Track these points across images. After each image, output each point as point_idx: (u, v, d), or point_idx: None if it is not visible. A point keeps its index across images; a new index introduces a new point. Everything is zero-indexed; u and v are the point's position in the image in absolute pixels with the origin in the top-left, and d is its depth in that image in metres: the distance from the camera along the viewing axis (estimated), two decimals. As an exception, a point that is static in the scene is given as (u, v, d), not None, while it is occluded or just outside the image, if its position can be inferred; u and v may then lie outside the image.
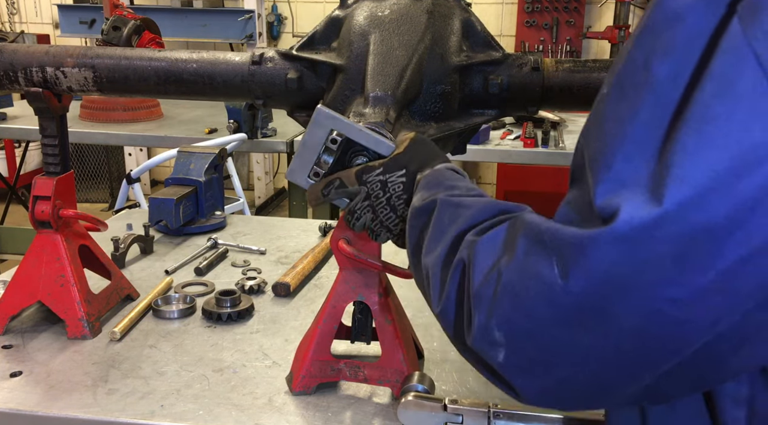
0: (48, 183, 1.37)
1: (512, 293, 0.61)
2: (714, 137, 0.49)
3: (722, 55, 0.50)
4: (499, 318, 0.62)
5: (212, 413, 1.14)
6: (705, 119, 0.50)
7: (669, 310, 0.52)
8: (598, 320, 0.55)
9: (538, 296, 0.58)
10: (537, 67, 1.23)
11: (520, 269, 0.60)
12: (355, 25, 1.17)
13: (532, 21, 5.52)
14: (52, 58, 1.33)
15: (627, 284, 0.53)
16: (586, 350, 0.57)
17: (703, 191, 0.49)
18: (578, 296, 0.55)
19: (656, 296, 0.52)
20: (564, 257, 0.56)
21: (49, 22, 6.58)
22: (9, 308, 1.39)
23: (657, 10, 0.55)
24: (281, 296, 1.62)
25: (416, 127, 1.13)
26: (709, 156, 0.49)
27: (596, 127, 0.59)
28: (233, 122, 3.33)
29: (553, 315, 0.57)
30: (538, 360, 0.61)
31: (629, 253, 0.52)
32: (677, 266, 0.51)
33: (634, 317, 0.54)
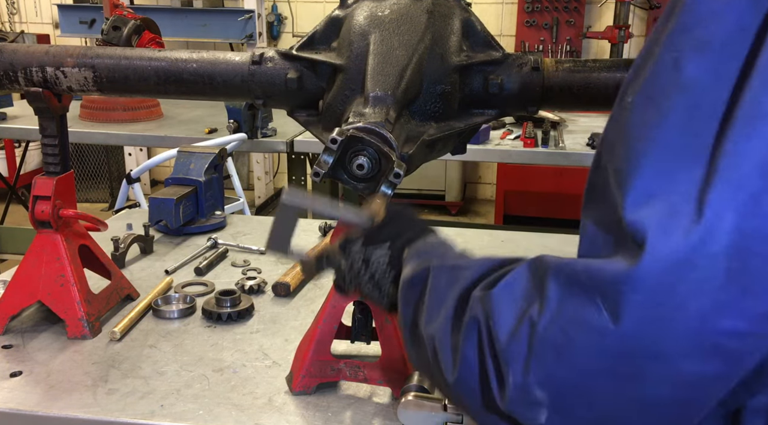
0: (48, 183, 1.37)
1: (553, 344, 0.54)
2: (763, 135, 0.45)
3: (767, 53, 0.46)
4: (540, 375, 0.55)
5: (212, 413, 1.14)
6: (757, 115, 0.46)
7: (727, 343, 0.48)
8: (653, 365, 0.50)
9: (586, 345, 0.52)
10: (537, 67, 1.23)
11: (558, 317, 0.54)
12: (355, 25, 1.17)
13: (532, 21, 5.52)
14: (52, 58, 1.33)
15: (677, 317, 0.48)
16: (644, 404, 0.52)
17: (758, 194, 0.45)
18: (631, 340, 0.50)
19: (712, 329, 0.47)
20: (610, 297, 0.50)
21: (49, 22, 6.58)
22: (9, 308, 1.39)
23: (687, 10, 0.52)
24: (281, 296, 1.62)
25: (416, 127, 1.13)
26: (764, 155, 0.45)
27: (620, 138, 0.54)
28: (233, 121, 3.33)
29: (606, 366, 0.52)
30: (589, 419, 0.55)
31: (681, 278, 0.47)
32: (734, 287, 0.46)
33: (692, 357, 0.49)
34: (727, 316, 0.47)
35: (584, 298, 0.52)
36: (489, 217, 5.97)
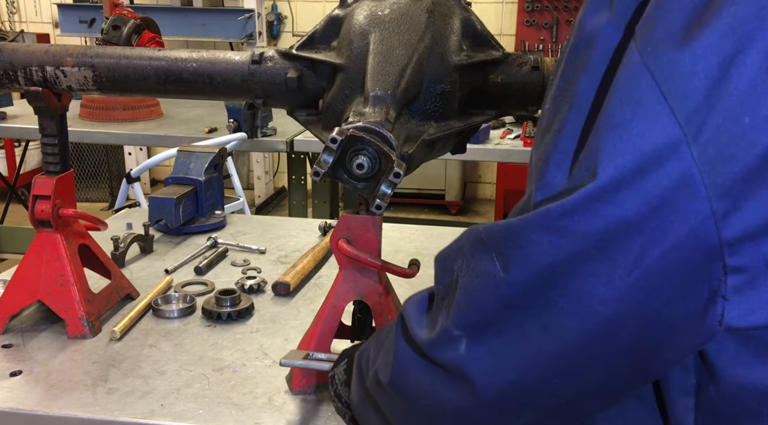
0: (48, 182, 1.37)
1: (465, 294, 0.64)
2: (618, 141, 0.54)
3: (623, 70, 0.56)
4: (456, 318, 0.65)
5: (212, 412, 1.14)
6: (610, 125, 0.55)
7: (602, 309, 0.56)
8: (541, 313, 0.59)
9: (486, 291, 0.62)
10: (537, 66, 1.23)
11: (469, 270, 0.64)
12: (355, 25, 1.17)
13: (532, 20, 5.52)
14: (52, 58, 1.33)
15: (563, 276, 0.56)
16: (535, 348, 0.60)
17: (612, 188, 0.54)
18: (522, 285, 0.59)
19: (590, 292, 0.56)
20: (501, 250, 0.60)
21: (48, 22, 6.58)
22: (9, 307, 1.39)
23: (578, 32, 0.62)
24: (281, 296, 1.62)
25: (416, 126, 1.13)
26: (615, 158, 0.54)
27: (538, 137, 0.65)
28: (233, 121, 3.33)
29: (503, 308, 0.61)
30: (496, 351, 0.62)
31: (557, 242, 0.56)
32: (605, 262, 0.55)
33: (573, 317, 0.57)
34: (601, 285, 0.55)
35: (485, 253, 0.62)
36: (489, 216, 5.97)
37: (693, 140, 0.52)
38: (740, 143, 0.52)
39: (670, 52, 0.54)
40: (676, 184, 0.53)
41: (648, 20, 0.56)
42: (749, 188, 0.52)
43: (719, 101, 0.52)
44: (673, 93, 0.53)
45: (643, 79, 0.54)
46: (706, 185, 0.52)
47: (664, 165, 0.53)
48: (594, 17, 0.61)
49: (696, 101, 0.52)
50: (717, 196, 0.52)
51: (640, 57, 0.55)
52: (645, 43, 0.55)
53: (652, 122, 0.53)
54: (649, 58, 0.54)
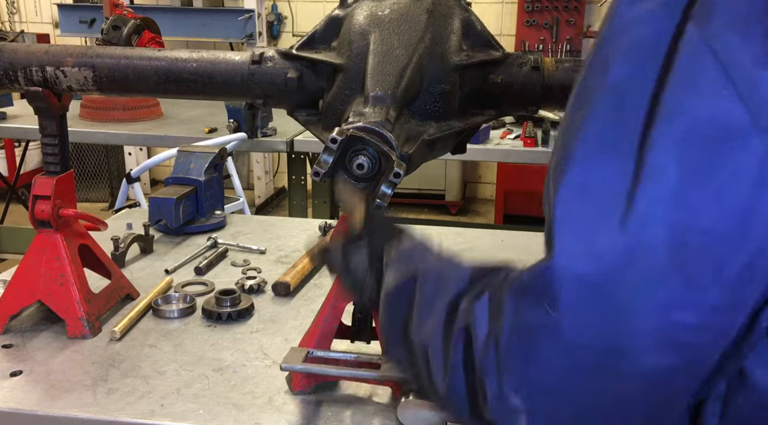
0: (48, 183, 1.37)
1: (518, 352, 0.57)
2: (686, 129, 0.49)
3: (684, 56, 0.51)
4: (512, 382, 0.57)
5: (212, 412, 1.14)
6: (675, 113, 0.50)
7: (682, 337, 0.50)
8: (615, 358, 0.52)
9: (545, 344, 0.54)
10: (537, 66, 1.23)
11: (516, 326, 0.57)
12: (355, 25, 1.17)
13: (533, 20, 5.52)
14: (52, 58, 1.33)
15: (630, 308, 0.50)
16: (613, 397, 0.54)
17: (684, 186, 0.48)
18: (582, 332, 0.52)
19: (667, 320, 0.49)
20: (548, 295, 0.53)
21: (48, 22, 6.58)
22: (9, 307, 1.39)
23: (613, 21, 0.57)
24: (281, 296, 1.62)
25: (416, 126, 1.13)
26: (682, 150, 0.49)
27: (558, 139, 0.59)
28: (233, 121, 3.33)
29: (567, 362, 0.54)
30: (565, 418, 0.57)
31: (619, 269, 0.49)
32: (677, 281, 0.48)
33: (650, 352, 0.51)
34: (677, 309, 0.49)
35: (531, 301, 0.55)
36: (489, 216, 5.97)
37: (765, 130, 0.47)
38: None
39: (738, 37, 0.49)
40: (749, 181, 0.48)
41: (708, 3, 0.51)
42: None
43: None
44: (742, 80, 0.48)
45: (708, 62, 0.50)
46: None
47: (731, 153, 0.48)
48: (634, 6, 0.56)
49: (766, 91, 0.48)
50: None
51: (703, 40, 0.50)
52: (708, 26, 0.50)
53: (719, 106, 0.49)
54: (713, 41, 0.50)
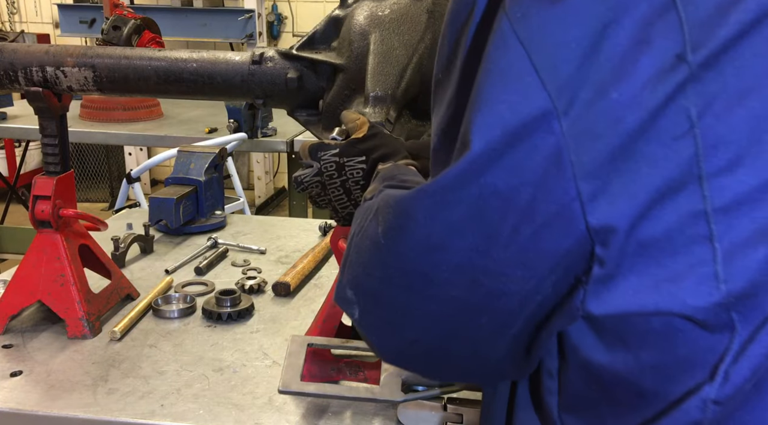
0: (48, 183, 1.37)
1: (357, 253, 0.65)
2: (488, 113, 0.52)
3: (493, 38, 0.53)
4: (348, 277, 0.67)
5: (212, 412, 1.14)
6: (481, 98, 0.52)
7: (485, 281, 0.55)
8: (424, 283, 0.58)
9: (371, 255, 0.62)
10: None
11: (361, 232, 0.66)
12: (356, 25, 1.17)
13: (532, 20, 5.52)
14: (52, 58, 1.33)
15: (441, 247, 0.55)
16: (424, 314, 0.60)
17: (484, 160, 0.52)
18: (401, 256, 0.58)
19: (472, 264, 0.55)
20: (385, 216, 0.60)
21: (49, 22, 6.58)
22: (9, 307, 1.39)
23: None
24: (281, 296, 1.62)
25: (416, 126, 1.13)
26: (485, 131, 0.52)
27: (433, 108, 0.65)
28: (233, 121, 3.33)
29: (385, 276, 0.61)
30: (386, 319, 0.64)
31: (435, 211, 0.55)
32: (481, 234, 0.54)
33: (457, 287, 0.56)
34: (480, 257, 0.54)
35: (374, 217, 0.63)
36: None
37: (563, 113, 0.49)
38: (607, 120, 0.49)
39: (541, 19, 0.50)
40: (544, 158, 0.50)
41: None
42: (615, 171, 0.49)
43: (589, 73, 0.49)
44: (544, 64, 0.50)
45: (513, 48, 0.51)
46: (572, 162, 0.50)
47: (533, 137, 0.50)
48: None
49: (567, 73, 0.49)
50: (583, 176, 0.50)
51: (510, 24, 0.51)
52: (514, 8, 0.51)
53: (521, 94, 0.50)
54: (518, 26, 0.51)
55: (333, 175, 0.96)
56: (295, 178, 0.99)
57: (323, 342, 1.15)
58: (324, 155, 0.95)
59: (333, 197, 0.97)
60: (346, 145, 0.95)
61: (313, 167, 0.96)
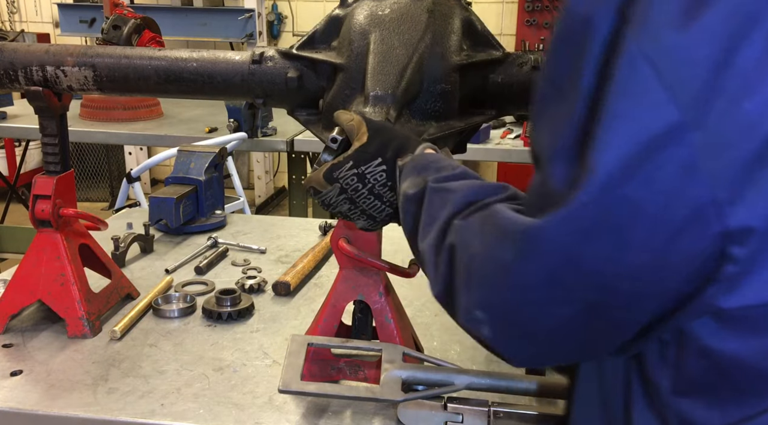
0: (48, 182, 1.37)
1: (482, 276, 0.67)
2: (621, 131, 0.55)
3: (620, 59, 0.55)
4: (477, 298, 0.68)
5: (212, 412, 1.14)
6: (611, 117, 0.55)
7: (619, 286, 0.58)
8: (559, 296, 0.61)
9: (503, 277, 0.64)
10: (537, 66, 1.23)
11: (484, 254, 0.67)
12: (356, 24, 1.17)
13: (533, 20, 5.52)
14: (53, 57, 1.33)
15: (575, 262, 0.59)
16: (560, 323, 0.63)
17: (616, 175, 0.55)
18: (535, 275, 0.61)
19: (606, 272, 0.58)
20: (515, 242, 0.62)
21: (49, 21, 6.58)
22: (9, 307, 1.39)
23: (567, 18, 0.62)
24: (281, 295, 1.62)
25: (416, 126, 1.13)
26: (618, 148, 0.55)
27: (536, 126, 0.67)
28: (233, 121, 3.33)
29: (518, 294, 0.63)
30: (521, 332, 0.67)
31: (568, 232, 0.58)
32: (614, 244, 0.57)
33: (592, 294, 0.60)
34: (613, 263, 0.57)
35: (501, 239, 0.65)
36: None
37: (695, 125, 0.53)
38: (740, 129, 0.52)
39: (670, 39, 0.53)
40: (677, 169, 0.53)
41: (642, 4, 0.55)
42: (750, 177, 0.52)
43: (721, 87, 0.52)
44: (675, 81, 0.53)
45: (642, 68, 0.54)
46: (707, 171, 0.53)
47: (666, 150, 0.53)
48: (581, 3, 0.60)
49: (697, 88, 0.52)
50: (719, 183, 0.53)
51: (637, 45, 0.54)
52: (641, 29, 0.54)
53: (652, 110, 0.53)
54: (646, 46, 0.54)
55: (357, 187, 0.94)
56: (321, 203, 0.97)
57: (323, 342, 1.15)
58: (340, 174, 0.93)
59: (366, 206, 0.95)
60: (357, 153, 0.93)
61: (333, 189, 0.94)
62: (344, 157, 0.94)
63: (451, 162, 0.89)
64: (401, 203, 0.88)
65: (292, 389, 1.06)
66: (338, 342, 1.15)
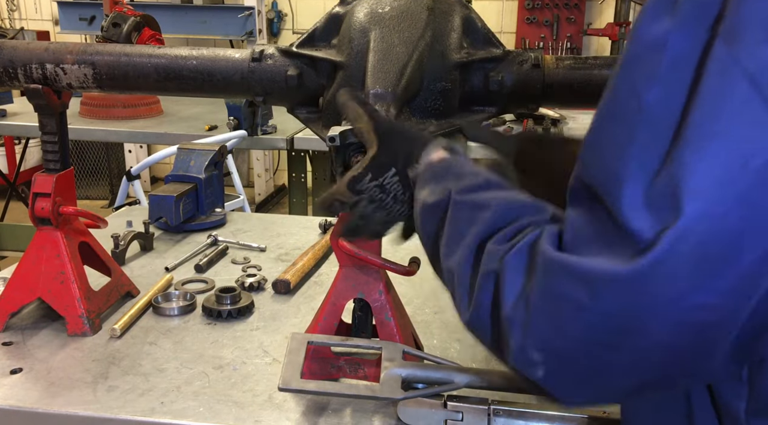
0: (48, 180, 1.37)
1: (544, 314, 0.62)
2: (718, 152, 0.52)
3: (712, 76, 0.53)
4: (534, 340, 0.64)
5: (212, 410, 1.14)
6: (705, 136, 0.53)
7: (696, 317, 0.55)
8: (630, 338, 0.58)
9: (570, 317, 0.60)
10: (537, 64, 1.23)
11: (548, 291, 0.62)
12: (356, 22, 1.17)
13: (533, 18, 5.52)
14: (52, 55, 1.32)
15: (655, 301, 0.55)
16: (622, 366, 0.60)
17: (716, 202, 0.52)
18: (608, 316, 0.58)
19: (683, 306, 0.55)
20: (591, 283, 0.58)
21: (48, 19, 6.57)
22: (9, 305, 1.39)
23: (636, 40, 0.60)
24: (281, 294, 1.62)
25: (416, 124, 1.13)
26: (716, 170, 0.52)
27: (595, 154, 0.63)
28: (233, 119, 3.33)
29: (586, 336, 0.60)
30: (578, 377, 0.63)
31: (657, 272, 0.54)
32: (700, 273, 0.54)
33: (663, 332, 0.56)
34: (696, 294, 0.54)
35: (564, 277, 0.60)
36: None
37: None
38: None
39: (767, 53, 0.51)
40: None
41: (735, 21, 0.53)
42: None
43: None
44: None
45: (740, 85, 0.52)
46: None
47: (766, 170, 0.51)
48: (653, 25, 0.58)
49: None
50: None
51: (733, 60, 0.52)
52: (736, 44, 0.53)
53: (754, 128, 0.52)
54: (744, 60, 0.52)
55: (383, 198, 0.91)
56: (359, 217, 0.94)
57: (323, 340, 1.15)
58: (362, 186, 0.91)
59: (396, 212, 0.93)
60: (372, 165, 0.91)
61: (361, 200, 0.92)
62: (363, 168, 0.91)
63: (471, 168, 0.85)
64: (419, 212, 0.85)
65: (292, 387, 1.06)
66: (338, 340, 1.15)
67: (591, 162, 0.63)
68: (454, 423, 1.05)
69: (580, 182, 0.64)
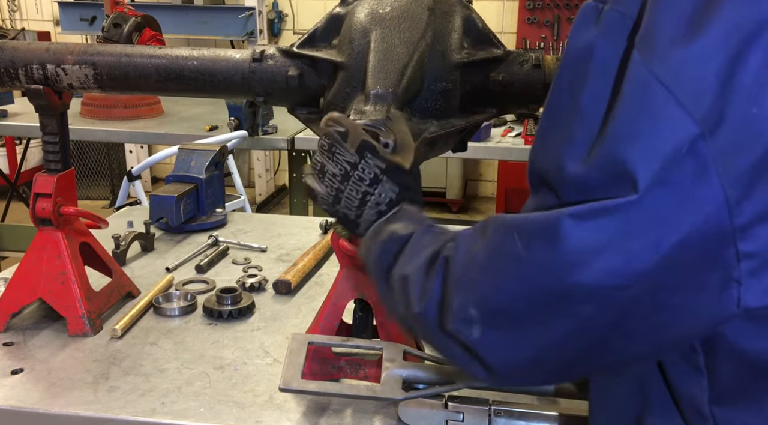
0: (49, 180, 1.37)
1: (484, 270, 0.68)
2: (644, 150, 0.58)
3: (630, 82, 0.59)
4: (474, 296, 0.68)
5: (213, 410, 1.14)
6: (628, 137, 0.58)
7: (617, 296, 0.60)
8: (560, 300, 0.62)
9: (507, 271, 0.65)
10: (538, 64, 1.22)
11: (489, 249, 0.68)
12: (356, 23, 1.17)
13: (534, 18, 5.51)
14: (53, 56, 1.33)
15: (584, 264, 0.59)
16: (553, 332, 0.64)
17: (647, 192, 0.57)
18: (540, 269, 0.62)
19: (606, 283, 0.59)
20: (527, 232, 0.63)
21: (49, 19, 6.57)
22: (10, 305, 1.39)
23: (570, 47, 0.66)
24: (282, 294, 1.62)
25: (417, 124, 1.12)
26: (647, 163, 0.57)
27: (544, 145, 0.69)
28: (234, 119, 3.33)
29: (520, 290, 0.64)
30: (510, 335, 0.67)
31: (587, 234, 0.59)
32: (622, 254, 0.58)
33: (589, 304, 0.60)
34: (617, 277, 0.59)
35: (507, 233, 0.66)
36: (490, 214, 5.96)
37: (709, 134, 0.56)
38: (749, 134, 0.56)
39: (678, 58, 0.57)
40: (693, 175, 0.56)
41: (648, 30, 0.59)
42: (758, 176, 0.56)
43: (730, 97, 0.56)
44: (687, 97, 0.56)
45: (655, 89, 0.57)
46: (719, 174, 0.56)
47: (684, 160, 0.56)
48: (582, 34, 0.64)
49: (709, 100, 0.56)
50: (729, 184, 0.56)
51: (647, 68, 0.58)
52: (649, 53, 0.58)
53: (672, 127, 0.57)
54: (656, 68, 0.58)
55: (363, 180, 0.89)
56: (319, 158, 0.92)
57: (324, 340, 1.15)
58: (369, 159, 0.89)
59: (345, 195, 0.90)
60: (393, 167, 0.90)
61: (352, 157, 0.89)
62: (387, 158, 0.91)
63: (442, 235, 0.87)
64: (384, 241, 0.87)
65: (292, 387, 1.06)
66: (339, 341, 1.15)
67: (540, 151, 0.69)
68: (454, 423, 1.05)
69: (533, 170, 0.70)
